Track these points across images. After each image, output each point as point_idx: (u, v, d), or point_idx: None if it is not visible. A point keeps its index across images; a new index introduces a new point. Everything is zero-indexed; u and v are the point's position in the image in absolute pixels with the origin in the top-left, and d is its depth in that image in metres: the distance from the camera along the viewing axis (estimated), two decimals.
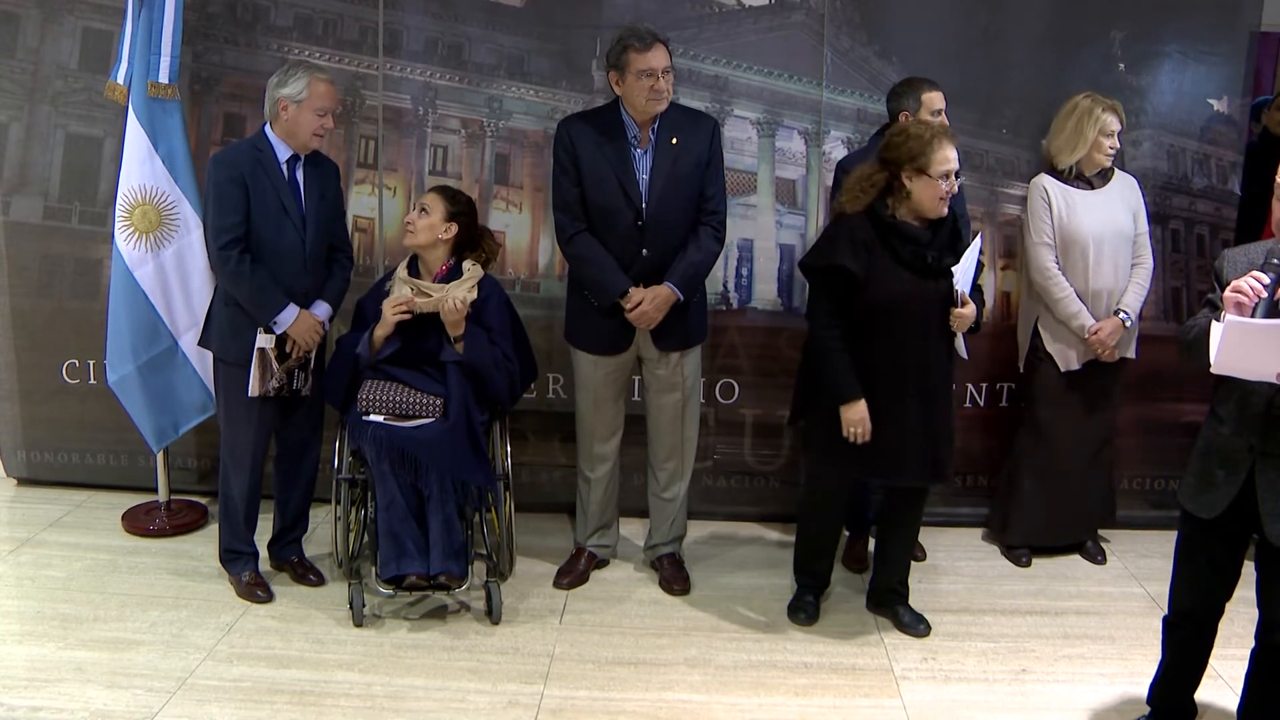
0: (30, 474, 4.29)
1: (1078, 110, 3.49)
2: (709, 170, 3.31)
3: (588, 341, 3.42)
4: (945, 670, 3.09)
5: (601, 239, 3.28)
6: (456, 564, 3.20)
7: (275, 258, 3.26)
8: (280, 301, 3.27)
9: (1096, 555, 3.82)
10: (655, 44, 3.17)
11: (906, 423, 3.03)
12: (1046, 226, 3.54)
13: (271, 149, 3.26)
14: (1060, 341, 3.61)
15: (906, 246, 2.98)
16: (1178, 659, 2.68)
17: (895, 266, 2.98)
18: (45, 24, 3.92)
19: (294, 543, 3.56)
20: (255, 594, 3.39)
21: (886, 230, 2.99)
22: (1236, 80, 3.90)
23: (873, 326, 3.01)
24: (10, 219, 4.03)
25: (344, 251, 3.49)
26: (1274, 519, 2.33)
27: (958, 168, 2.99)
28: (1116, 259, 3.58)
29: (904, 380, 3.02)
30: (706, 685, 2.99)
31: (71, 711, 2.77)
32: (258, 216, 3.24)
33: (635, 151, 3.27)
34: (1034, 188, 3.59)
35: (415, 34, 3.89)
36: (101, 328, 3.80)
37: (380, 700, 2.87)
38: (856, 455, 3.06)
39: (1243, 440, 2.37)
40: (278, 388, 3.33)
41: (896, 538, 3.31)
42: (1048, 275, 3.55)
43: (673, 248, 3.28)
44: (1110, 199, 3.57)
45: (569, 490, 3.79)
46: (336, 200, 3.47)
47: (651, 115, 3.25)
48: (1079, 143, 3.49)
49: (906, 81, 3.48)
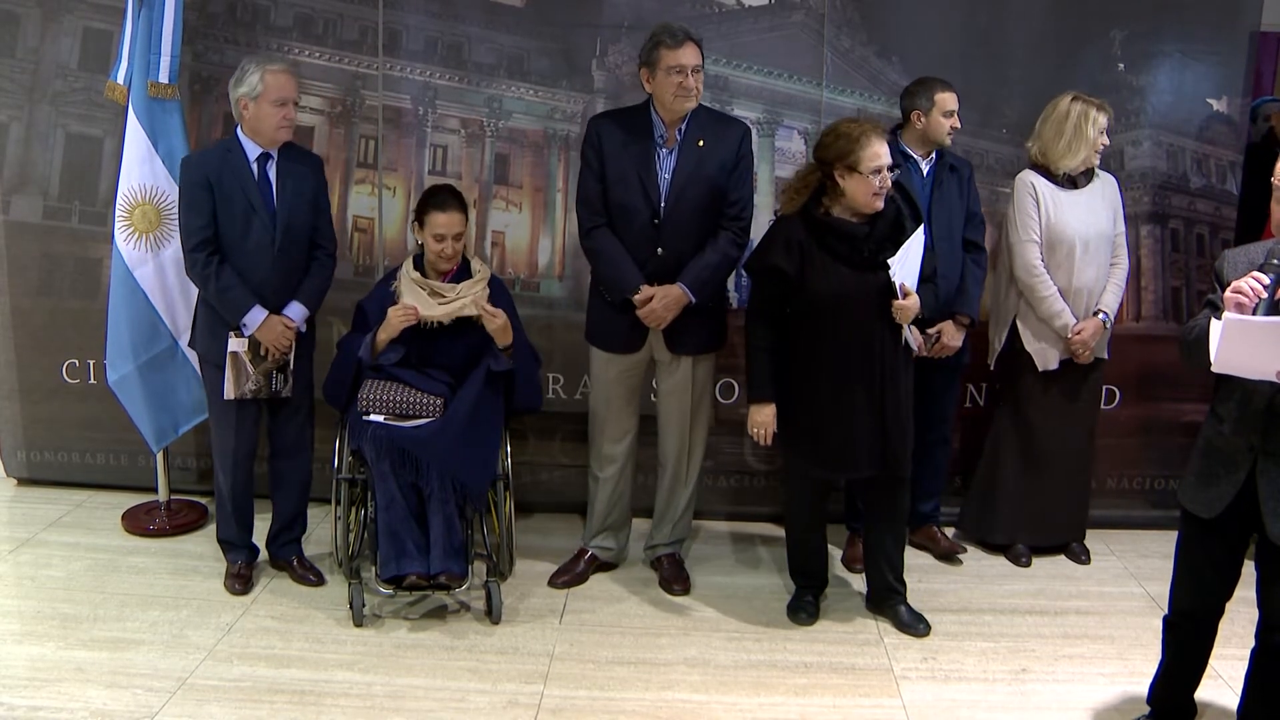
0: (30, 474, 4.29)
1: (1073, 113, 3.47)
2: (735, 174, 3.29)
3: (602, 339, 3.43)
4: (945, 670, 3.09)
5: (619, 235, 3.29)
6: (457, 563, 3.20)
7: (243, 257, 3.27)
8: (246, 303, 3.27)
9: (1081, 555, 3.81)
10: (686, 42, 3.18)
11: (854, 417, 3.08)
12: (1034, 224, 3.52)
13: (241, 148, 3.28)
14: (1042, 340, 3.60)
15: (842, 243, 3.02)
16: (1178, 659, 2.68)
17: (832, 263, 3.03)
18: (45, 23, 3.92)
19: (292, 543, 3.56)
20: (234, 585, 3.41)
21: (821, 229, 3.04)
22: (1236, 80, 3.90)
23: (815, 324, 3.06)
24: (10, 219, 4.04)
25: (325, 249, 3.45)
26: (1275, 518, 2.32)
27: (889, 163, 2.99)
28: (1099, 259, 3.58)
29: (848, 375, 3.07)
30: (706, 685, 2.99)
31: (71, 711, 2.77)
32: (224, 217, 3.26)
33: (660, 151, 3.27)
34: (1021, 184, 3.56)
35: (415, 34, 3.90)
36: (101, 327, 3.80)
37: (380, 700, 2.87)
38: (810, 451, 3.15)
39: (1243, 439, 2.37)
40: (255, 390, 3.33)
41: (880, 535, 3.31)
42: (1034, 273, 3.54)
43: (689, 249, 3.27)
44: (1093, 198, 3.57)
45: (570, 490, 3.79)
46: (317, 196, 3.41)
47: (680, 114, 3.24)
48: (1081, 145, 3.48)
49: (920, 81, 3.48)
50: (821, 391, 3.09)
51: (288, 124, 3.28)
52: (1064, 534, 3.83)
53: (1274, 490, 2.33)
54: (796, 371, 3.13)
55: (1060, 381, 3.64)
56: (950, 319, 3.54)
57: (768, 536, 3.98)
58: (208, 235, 3.26)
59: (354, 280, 3.96)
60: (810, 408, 3.13)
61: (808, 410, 3.13)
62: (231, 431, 3.38)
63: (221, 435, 3.42)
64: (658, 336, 3.35)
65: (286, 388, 3.39)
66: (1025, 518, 3.77)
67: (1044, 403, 3.66)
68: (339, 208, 3.96)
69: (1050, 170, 3.54)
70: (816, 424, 3.13)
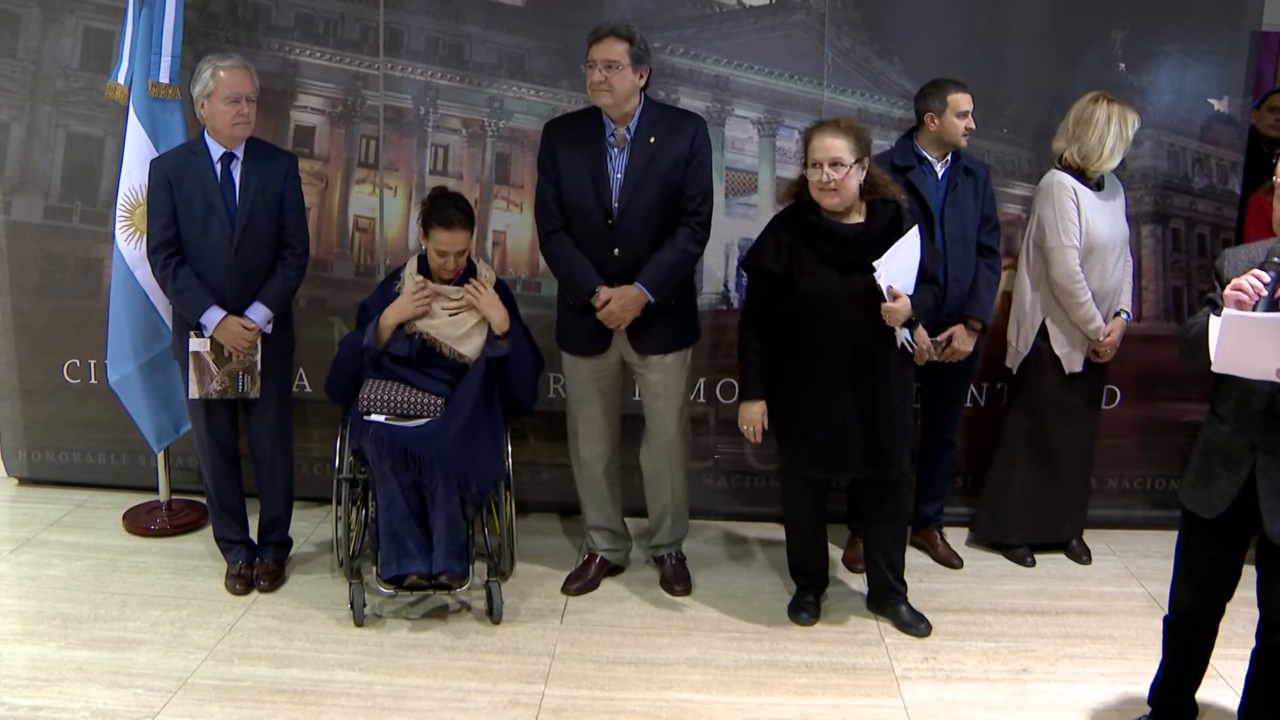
0: (31, 473, 4.30)
1: (1113, 117, 3.41)
2: (690, 168, 3.24)
3: (569, 342, 3.42)
4: (946, 670, 3.09)
5: (576, 238, 3.28)
6: (458, 563, 3.20)
7: (202, 258, 3.28)
8: (203, 304, 3.27)
9: (1082, 555, 3.82)
10: (606, 37, 3.15)
11: (843, 417, 3.08)
12: (1075, 229, 3.46)
13: (206, 148, 3.28)
14: (1072, 344, 3.59)
15: (828, 243, 3.03)
16: (1178, 659, 2.68)
17: (819, 264, 3.04)
18: (46, 24, 3.93)
19: (271, 545, 3.54)
20: (234, 585, 3.42)
21: (810, 229, 3.04)
22: (1237, 80, 3.90)
23: (804, 323, 3.07)
24: (11, 219, 4.04)
25: (293, 249, 3.38)
26: (1275, 516, 2.32)
27: (838, 156, 2.96)
28: (1122, 260, 3.60)
29: (838, 375, 3.07)
30: (707, 685, 2.99)
31: (72, 711, 2.78)
32: (184, 217, 3.27)
33: (611, 151, 3.24)
34: (1059, 188, 3.48)
35: (416, 33, 3.90)
36: (102, 327, 3.81)
37: (381, 700, 2.87)
38: (802, 449, 3.17)
39: (1244, 439, 2.37)
40: (220, 390, 3.33)
41: (879, 534, 3.31)
42: (1075, 279, 3.49)
43: (646, 248, 3.24)
44: (1111, 200, 3.57)
45: (570, 490, 3.79)
46: (284, 196, 3.35)
47: (610, 110, 3.21)
48: (1121, 146, 3.45)
49: (934, 83, 3.45)
50: (811, 390, 3.10)
51: (242, 120, 3.25)
52: (1067, 533, 3.84)
53: (1274, 489, 2.33)
54: (790, 370, 3.14)
55: (1078, 383, 3.64)
56: (961, 323, 3.53)
57: (768, 536, 3.98)
58: (166, 237, 3.27)
59: (355, 280, 3.97)
60: (802, 406, 3.13)
61: (799, 409, 3.14)
62: (203, 429, 3.41)
63: (196, 433, 3.47)
64: (623, 337, 3.33)
65: (254, 389, 3.36)
66: (1036, 518, 3.77)
67: (1063, 404, 3.65)
68: (340, 208, 3.97)
69: (1085, 173, 3.49)
70: (807, 422, 3.13)
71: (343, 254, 3.99)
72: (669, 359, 3.38)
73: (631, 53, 3.15)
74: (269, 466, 3.49)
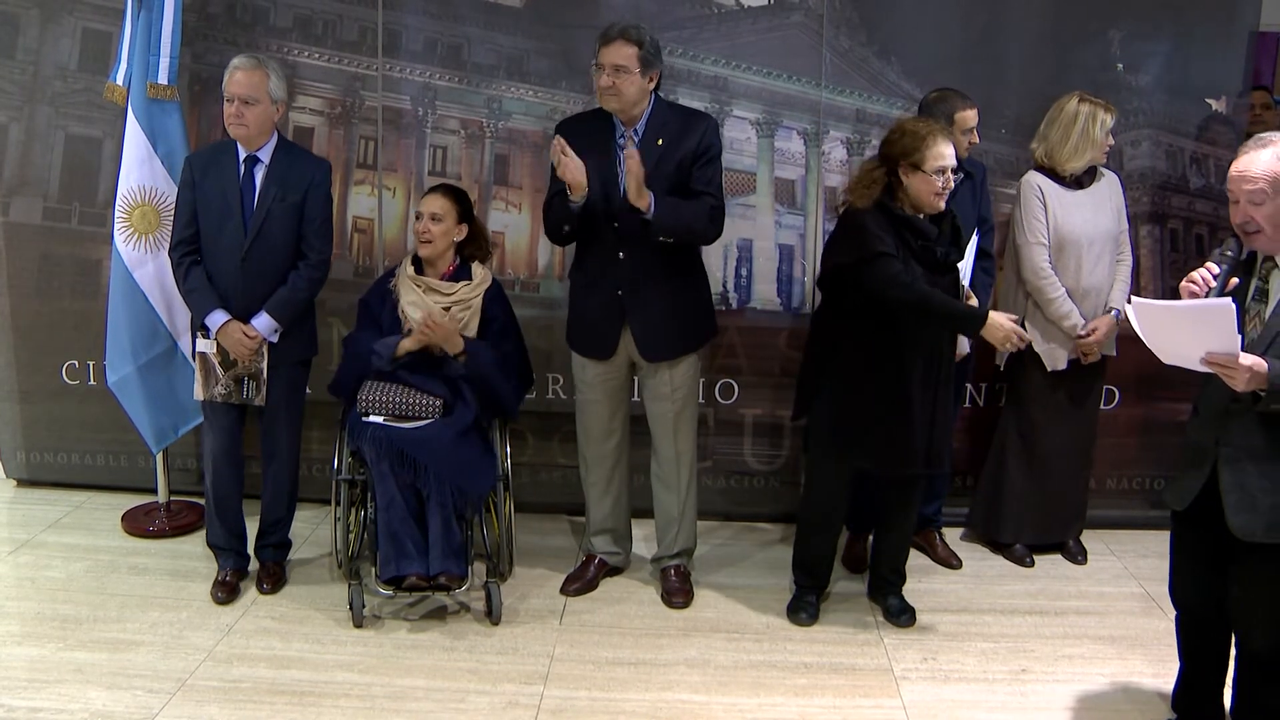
0: (30, 475, 4.29)
1: (1080, 115, 3.46)
2: (698, 165, 3.21)
3: (577, 343, 3.42)
4: (945, 670, 3.10)
5: (583, 239, 3.28)
6: (456, 564, 3.20)
7: (214, 259, 3.28)
8: (208, 305, 3.26)
9: (1078, 555, 3.82)
10: (615, 40, 3.12)
11: (910, 414, 3.08)
12: (1041, 226, 3.52)
13: (234, 149, 3.28)
14: (1051, 341, 3.60)
15: (918, 240, 3.02)
16: (1192, 659, 2.67)
17: (908, 260, 3.02)
18: (45, 25, 3.92)
19: (270, 547, 3.53)
20: (217, 594, 3.38)
21: (898, 223, 3.03)
22: (1234, 80, 3.91)
23: (884, 318, 3.04)
24: (10, 220, 4.04)
25: (309, 259, 3.31)
26: (1237, 511, 2.33)
27: (954, 164, 3.01)
28: (1106, 258, 3.59)
29: (910, 372, 3.07)
30: (706, 685, 2.99)
31: (71, 712, 2.77)
32: (203, 217, 3.27)
33: (621, 152, 3.20)
34: (1027, 186, 3.56)
35: (414, 34, 3.90)
36: (101, 328, 3.81)
37: (380, 700, 2.87)
38: (860, 445, 3.14)
39: (1209, 433, 2.39)
40: (225, 394, 3.32)
41: (896, 522, 3.34)
42: (1042, 275, 3.54)
43: (651, 252, 3.20)
44: (1098, 197, 3.57)
45: (569, 490, 3.79)
46: (306, 203, 3.29)
47: (620, 113, 3.19)
48: (1088, 147, 3.47)
49: (941, 95, 3.44)
50: (883, 386, 3.08)
51: (235, 121, 3.21)
52: (1064, 532, 3.84)
53: (1236, 483, 2.34)
54: (858, 361, 3.11)
55: (1067, 381, 3.65)
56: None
57: (767, 537, 3.98)
58: (185, 235, 3.28)
59: (354, 281, 3.96)
60: (869, 400, 3.10)
61: (865, 402, 3.11)
62: (209, 430, 3.41)
63: (204, 435, 3.47)
64: (633, 343, 3.31)
65: (259, 396, 3.33)
66: (1030, 516, 3.77)
67: (1050, 402, 3.66)
68: (339, 208, 3.96)
69: (1056, 171, 3.53)
70: (873, 417, 3.10)
71: (341, 255, 3.98)
72: (680, 364, 3.36)
73: (640, 57, 3.13)
74: (272, 469, 3.48)
